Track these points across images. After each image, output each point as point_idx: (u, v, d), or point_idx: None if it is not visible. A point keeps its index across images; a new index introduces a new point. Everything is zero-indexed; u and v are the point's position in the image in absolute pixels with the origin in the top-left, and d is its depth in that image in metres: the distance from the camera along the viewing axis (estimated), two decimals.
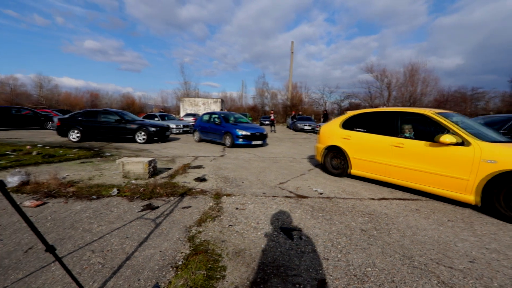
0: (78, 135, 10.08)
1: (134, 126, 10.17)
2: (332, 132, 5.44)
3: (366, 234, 2.67)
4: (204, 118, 11.55)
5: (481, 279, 1.95)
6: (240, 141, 9.29)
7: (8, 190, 3.64)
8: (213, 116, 11.05)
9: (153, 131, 10.13)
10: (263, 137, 9.99)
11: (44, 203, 3.28)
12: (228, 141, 9.59)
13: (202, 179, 4.72)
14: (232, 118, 10.98)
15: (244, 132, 9.37)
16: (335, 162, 5.38)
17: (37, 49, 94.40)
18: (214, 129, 10.33)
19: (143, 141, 10.11)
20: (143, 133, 10.08)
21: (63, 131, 10.29)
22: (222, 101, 32.86)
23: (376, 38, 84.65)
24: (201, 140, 11.42)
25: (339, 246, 2.40)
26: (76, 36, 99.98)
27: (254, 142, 9.60)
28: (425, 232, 2.76)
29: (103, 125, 10.21)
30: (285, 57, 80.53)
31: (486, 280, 1.94)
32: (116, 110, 11.05)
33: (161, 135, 10.57)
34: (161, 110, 31.71)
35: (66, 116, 10.88)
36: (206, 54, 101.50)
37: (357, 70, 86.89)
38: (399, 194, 4.15)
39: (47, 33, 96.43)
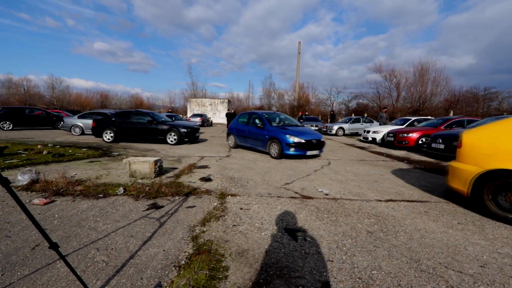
0: (111, 135, 10.20)
1: (165, 127, 10.02)
2: (503, 145, 3.03)
3: (372, 236, 2.61)
4: (242, 119, 9.46)
5: (492, 284, 1.87)
6: (292, 150, 7.08)
7: (18, 188, 3.75)
8: (254, 116, 8.91)
9: (184, 132, 9.95)
10: (320, 145, 7.66)
11: (53, 201, 3.35)
12: (274, 150, 7.47)
13: (207, 179, 4.73)
14: (277, 120, 8.80)
15: (297, 139, 7.11)
16: (509, 200, 3.05)
17: (49, 50, 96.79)
18: (255, 134, 8.31)
19: (174, 142, 9.93)
20: (173, 134, 9.93)
21: (97, 131, 10.46)
22: (229, 102, 32.99)
23: (385, 38, 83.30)
24: (237, 146, 9.56)
25: (344, 248, 2.36)
26: (86, 38, 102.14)
27: (309, 153, 7.29)
28: (433, 235, 2.69)
29: (135, 126, 10.19)
30: (292, 57, 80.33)
31: (497, 286, 1.86)
32: (147, 111, 10.87)
33: (191, 136, 10.30)
34: (169, 111, 32.05)
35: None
36: (213, 54, 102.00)
37: (365, 70, 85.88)
38: (407, 195, 4.06)
39: (58, 35, 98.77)
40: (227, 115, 23.02)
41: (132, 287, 1.75)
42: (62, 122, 16.57)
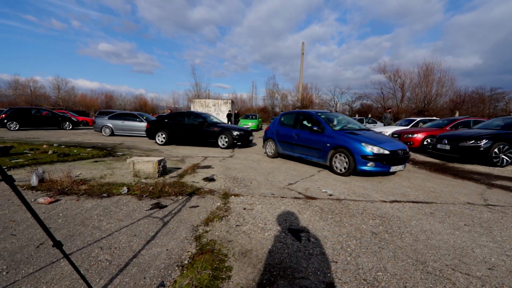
0: (164, 137, 10.07)
1: (217, 129, 9.57)
2: None
3: (377, 237, 2.58)
4: (285, 121, 7.47)
5: (501, 287, 1.83)
6: (370, 166, 5.01)
7: (24, 187, 3.77)
8: (302, 117, 6.89)
9: (237, 135, 9.42)
10: (405, 157, 5.42)
11: (57, 200, 3.37)
12: (340, 163, 5.44)
13: (210, 179, 4.73)
14: (335, 121, 6.62)
15: (377, 149, 5.06)
16: None
17: (55, 52, 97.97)
18: (308, 141, 6.29)
19: (225, 145, 9.44)
20: (225, 137, 9.44)
21: (151, 133, 10.37)
22: (232, 102, 33.01)
23: (389, 38, 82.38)
24: (278, 155, 7.61)
25: (349, 249, 2.33)
26: (91, 39, 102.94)
27: (393, 168, 5.15)
28: (440, 236, 2.64)
29: (187, 128, 9.91)
30: (296, 58, 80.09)
31: None
32: (199, 112, 10.50)
33: (244, 139, 9.69)
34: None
35: (155, 118, 11.06)
36: (216, 55, 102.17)
37: (369, 71, 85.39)
38: (412, 196, 4.01)
39: (64, 37, 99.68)
40: (228, 115, 23.03)
41: (135, 287, 1.74)
42: (67, 123, 16.88)
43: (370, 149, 5.07)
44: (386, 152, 5.09)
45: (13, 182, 1.19)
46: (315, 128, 6.14)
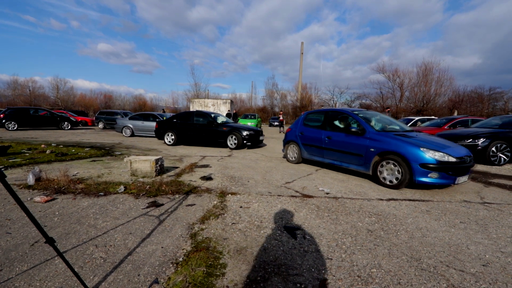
0: (172, 138, 10.01)
1: (226, 129, 9.38)
2: None
3: (372, 235, 2.58)
4: (311, 121, 6.47)
5: (494, 283, 1.84)
6: (431, 177, 3.99)
7: (21, 186, 3.76)
8: (333, 116, 5.88)
9: (246, 135, 9.16)
10: (471, 165, 4.38)
11: (54, 199, 3.36)
12: (390, 173, 4.42)
13: (208, 178, 4.73)
14: (373, 121, 5.37)
15: (439, 156, 4.06)
16: None
17: (54, 52, 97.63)
18: (344, 144, 5.26)
19: (234, 146, 9.19)
20: (234, 137, 9.21)
21: (159, 133, 10.31)
22: (232, 102, 33.03)
23: (389, 38, 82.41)
24: (301, 161, 6.62)
25: (344, 246, 2.33)
26: (90, 39, 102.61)
27: (459, 179, 4.07)
28: (435, 234, 2.65)
29: (196, 128, 9.79)
30: (295, 58, 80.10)
31: (500, 285, 1.82)
32: (208, 112, 10.24)
33: (254, 140, 9.42)
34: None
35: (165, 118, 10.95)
36: (216, 55, 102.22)
37: (368, 71, 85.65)
38: (409, 195, 4.02)
39: (63, 37, 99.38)
40: (228, 115, 23.00)
41: (129, 283, 1.74)
42: (66, 123, 16.84)
43: (431, 155, 4.06)
44: (452, 159, 4.08)
45: (4, 177, 1.19)
46: (353, 130, 5.07)
